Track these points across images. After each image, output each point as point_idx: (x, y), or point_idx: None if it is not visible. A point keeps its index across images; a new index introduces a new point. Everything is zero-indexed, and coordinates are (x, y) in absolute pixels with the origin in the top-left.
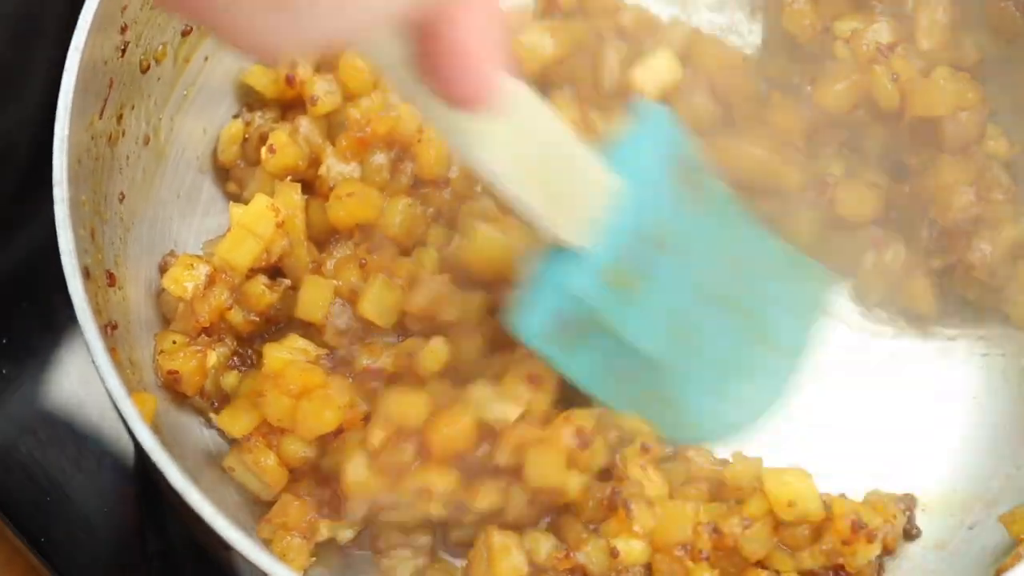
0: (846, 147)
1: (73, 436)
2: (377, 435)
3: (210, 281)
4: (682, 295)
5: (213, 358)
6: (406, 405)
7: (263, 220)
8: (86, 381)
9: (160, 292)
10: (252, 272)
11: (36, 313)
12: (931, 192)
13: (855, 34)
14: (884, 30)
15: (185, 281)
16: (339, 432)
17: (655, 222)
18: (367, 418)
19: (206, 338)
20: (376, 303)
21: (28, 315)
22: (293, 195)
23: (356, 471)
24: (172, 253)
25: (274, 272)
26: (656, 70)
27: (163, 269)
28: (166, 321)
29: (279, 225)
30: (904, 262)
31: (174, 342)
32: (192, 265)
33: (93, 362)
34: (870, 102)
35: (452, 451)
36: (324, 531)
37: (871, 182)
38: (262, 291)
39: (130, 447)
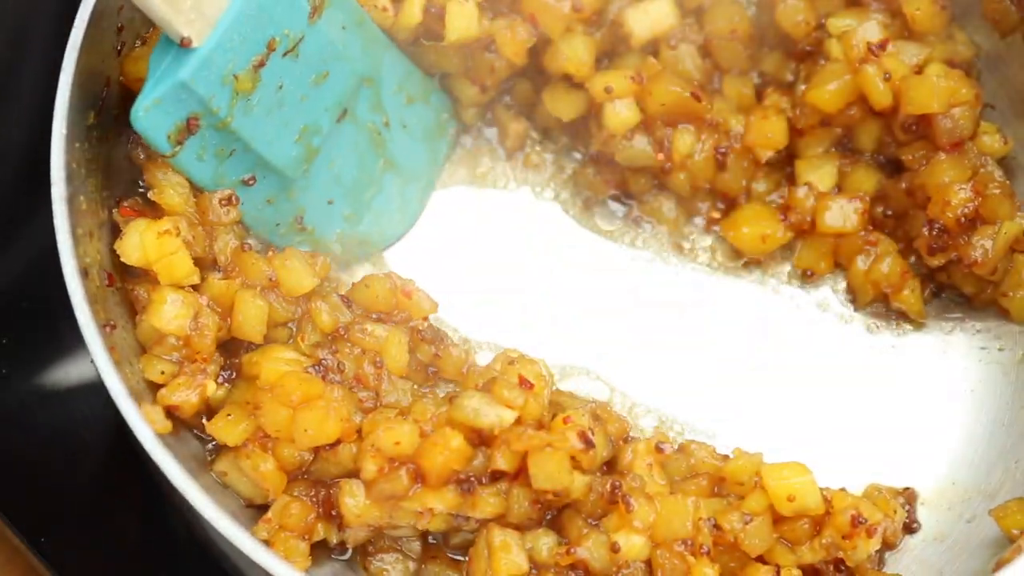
0: (839, 146)
1: (73, 436)
2: (370, 468)
3: (196, 313)
4: (312, 111)
5: (212, 387)
6: (396, 435)
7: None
8: (86, 381)
9: (138, 322)
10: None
11: (36, 313)
12: (927, 189)
13: (845, 34)
14: (873, 28)
15: (174, 318)
16: (336, 443)
17: (277, 26)
18: (360, 431)
19: (192, 364)
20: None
21: (28, 315)
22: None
23: (355, 502)
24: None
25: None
26: (651, 15)
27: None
28: (143, 347)
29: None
30: (896, 271)
31: (163, 372)
32: (171, 299)
33: (92, 361)
34: (863, 100)
35: (447, 472)
36: (321, 532)
37: (856, 195)
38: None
39: (130, 447)
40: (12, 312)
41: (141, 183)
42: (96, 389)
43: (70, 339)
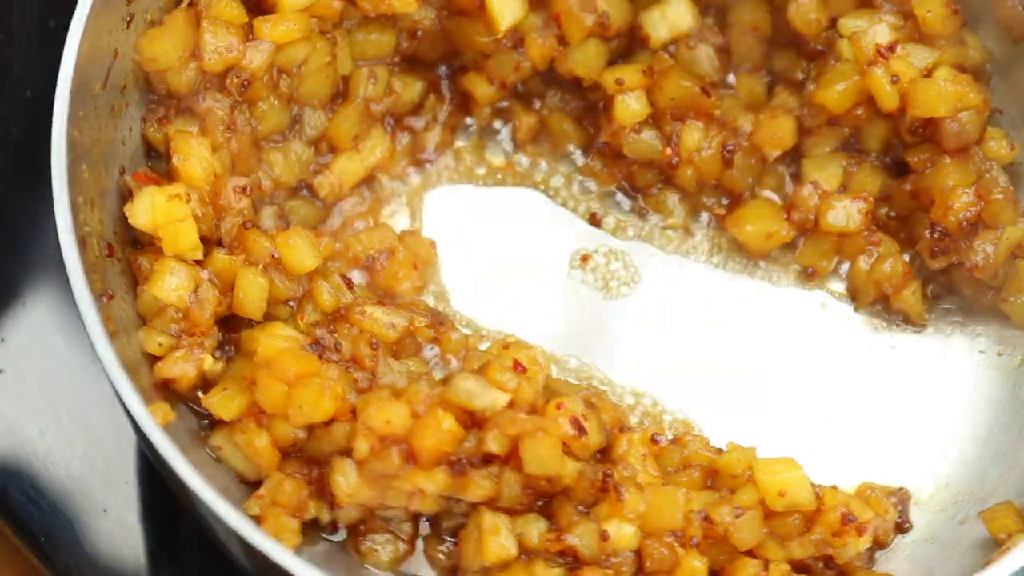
0: (846, 146)
1: (73, 436)
2: (362, 447)
3: (197, 285)
4: None
5: (209, 361)
6: (387, 415)
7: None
8: (87, 380)
9: (139, 293)
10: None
11: (36, 312)
12: (931, 192)
13: (855, 36)
14: (883, 30)
15: (175, 289)
16: (330, 421)
17: None
18: (354, 410)
19: (190, 338)
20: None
21: (28, 314)
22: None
23: (346, 481)
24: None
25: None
26: (668, 18)
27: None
28: (143, 319)
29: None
30: (898, 271)
31: (161, 344)
32: (173, 270)
33: (86, 330)
34: (871, 101)
35: (439, 453)
36: (313, 510)
37: (861, 195)
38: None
39: (129, 447)
40: (12, 311)
41: (151, 155)
42: (97, 386)
43: (71, 338)
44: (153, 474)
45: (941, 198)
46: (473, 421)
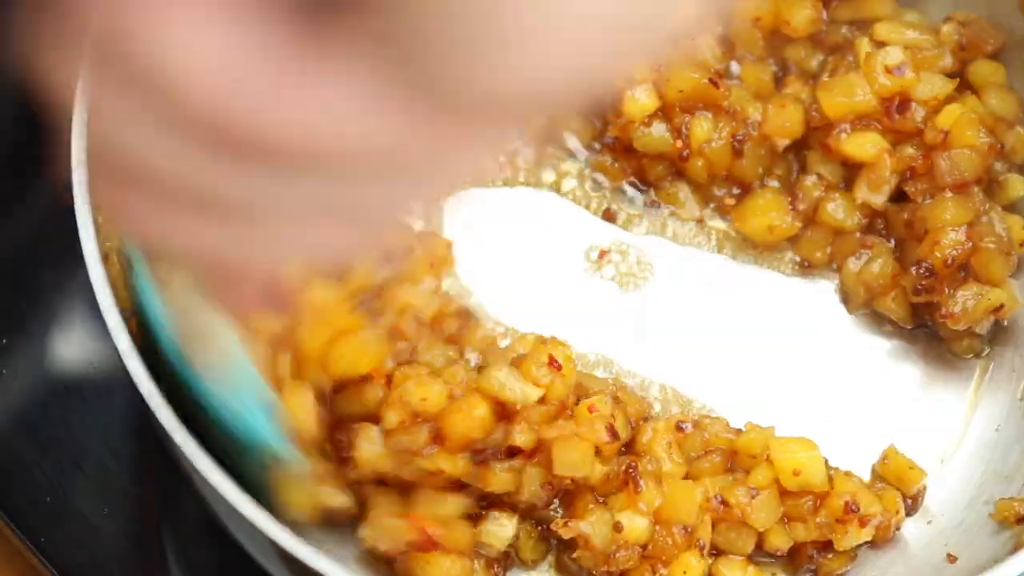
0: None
1: (73, 435)
2: (392, 418)
3: None
4: None
5: None
6: (424, 391)
7: None
8: (86, 383)
9: None
10: None
11: (34, 311)
12: (925, 224)
13: (869, 55)
14: (896, 52)
15: None
16: (363, 381)
17: None
18: (389, 377)
19: None
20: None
21: (26, 314)
22: None
23: (369, 448)
24: None
25: None
26: None
27: None
28: None
29: None
30: (886, 273)
31: None
32: None
33: (116, 348)
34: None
35: (467, 439)
36: (322, 498)
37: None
38: None
39: (129, 448)
40: (10, 311)
41: None
42: (97, 386)
43: (69, 337)
44: (154, 475)
45: (932, 233)
46: (503, 413)
